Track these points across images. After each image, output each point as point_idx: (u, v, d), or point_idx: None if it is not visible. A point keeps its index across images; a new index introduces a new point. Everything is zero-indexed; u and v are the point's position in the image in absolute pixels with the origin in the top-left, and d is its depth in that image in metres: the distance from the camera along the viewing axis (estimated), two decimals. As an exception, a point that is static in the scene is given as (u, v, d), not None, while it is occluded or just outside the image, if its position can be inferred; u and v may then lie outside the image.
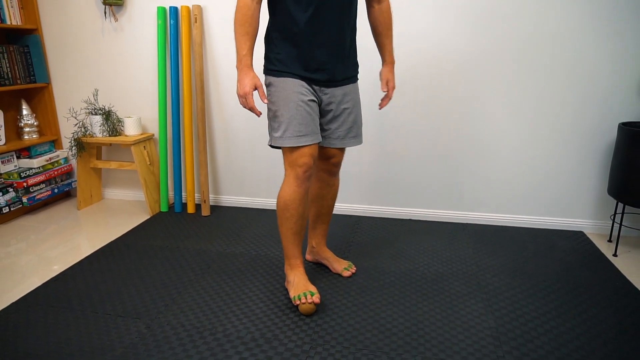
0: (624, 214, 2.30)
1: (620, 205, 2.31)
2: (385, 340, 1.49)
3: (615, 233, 2.32)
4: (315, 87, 1.58)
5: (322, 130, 1.70)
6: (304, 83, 1.55)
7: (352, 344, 1.48)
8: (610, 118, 2.19)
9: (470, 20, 2.18)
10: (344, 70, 1.63)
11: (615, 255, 2.11)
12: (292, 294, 1.68)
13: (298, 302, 1.62)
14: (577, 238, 2.28)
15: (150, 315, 1.63)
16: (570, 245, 2.20)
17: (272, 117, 1.59)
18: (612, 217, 2.31)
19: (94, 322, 1.59)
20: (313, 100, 1.57)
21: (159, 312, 1.66)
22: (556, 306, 1.69)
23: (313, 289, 1.65)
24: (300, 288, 1.66)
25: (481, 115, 2.31)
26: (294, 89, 1.54)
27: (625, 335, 1.52)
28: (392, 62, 1.77)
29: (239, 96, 1.51)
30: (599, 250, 2.15)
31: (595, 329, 1.55)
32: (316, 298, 1.61)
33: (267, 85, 1.60)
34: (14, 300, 1.74)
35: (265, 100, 1.54)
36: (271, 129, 1.60)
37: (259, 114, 1.52)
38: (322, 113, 1.66)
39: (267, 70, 1.60)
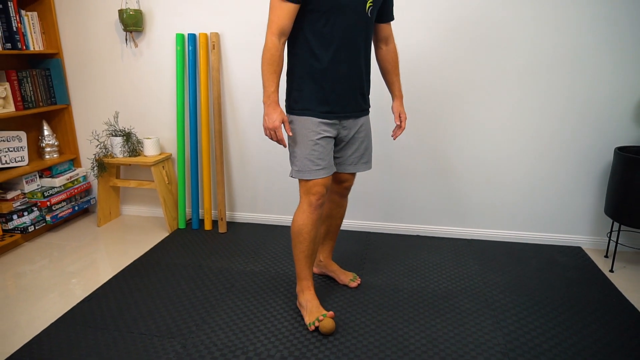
0: (620, 232, 2.44)
1: (616, 224, 2.46)
2: (404, 358, 1.62)
3: (611, 249, 2.47)
4: (335, 121, 1.70)
5: (337, 157, 1.83)
6: (322, 120, 1.67)
7: (374, 361, 1.61)
8: (607, 142, 2.33)
9: (473, 47, 2.32)
10: (362, 102, 1.76)
11: (611, 271, 2.25)
12: (307, 320, 1.80)
13: (314, 328, 1.76)
14: (576, 254, 2.43)
15: (183, 335, 1.75)
16: (570, 262, 2.34)
17: (292, 152, 1.72)
18: (609, 234, 2.45)
19: (132, 342, 1.71)
20: (329, 137, 1.70)
21: (191, 331, 1.78)
22: (559, 322, 1.83)
23: (324, 312, 1.79)
24: (314, 313, 1.79)
25: (485, 137, 2.45)
26: (313, 128, 1.66)
27: (621, 352, 1.66)
28: (402, 97, 1.92)
29: (268, 129, 1.61)
30: (597, 266, 2.29)
31: (595, 345, 1.69)
32: (328, 316, 1.76)
33: (290, 122, 1.71)
34: (53, 321, 1.85)
35: (290, 133, 1.66)
36: (291, 163, 1.73)
37: (285, 145, 1.67)
38: (338, 142, 1.79)
39: (289, 109, 1.71)
